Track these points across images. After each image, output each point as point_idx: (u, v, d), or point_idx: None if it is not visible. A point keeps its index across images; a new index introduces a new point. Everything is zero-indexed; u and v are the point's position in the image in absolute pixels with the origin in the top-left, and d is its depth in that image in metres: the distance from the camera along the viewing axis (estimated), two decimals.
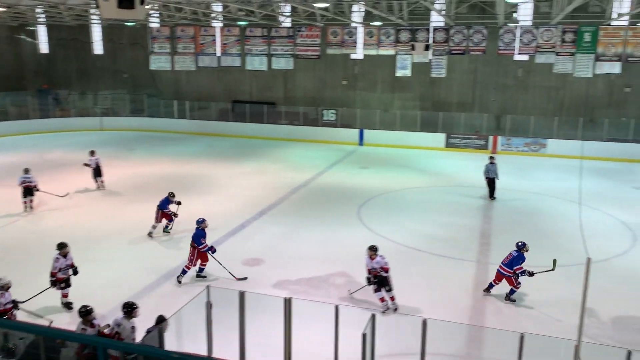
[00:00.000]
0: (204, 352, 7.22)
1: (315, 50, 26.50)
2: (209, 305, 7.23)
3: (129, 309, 7.53)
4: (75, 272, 10.01)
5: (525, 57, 26.34)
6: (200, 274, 11.38)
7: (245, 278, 11.34)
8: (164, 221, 14.13)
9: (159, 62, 29.02)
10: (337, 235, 14.40)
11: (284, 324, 6.85)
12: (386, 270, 9.99)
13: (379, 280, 9.97)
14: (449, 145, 27.26)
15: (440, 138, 27.42)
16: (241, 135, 30.24)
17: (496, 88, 28.78)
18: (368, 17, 26.66)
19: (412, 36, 24.80)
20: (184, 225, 13.85)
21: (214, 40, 27.86)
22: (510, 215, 16.61)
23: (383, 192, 18.94)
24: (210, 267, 11.43)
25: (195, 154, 25.37)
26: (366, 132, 28.60)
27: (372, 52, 25.87)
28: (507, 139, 26.50)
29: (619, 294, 11.00)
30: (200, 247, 11.00)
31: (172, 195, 14.12)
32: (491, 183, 18.02)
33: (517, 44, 24.05)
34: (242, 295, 7.06)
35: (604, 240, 14.11)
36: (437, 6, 23.60)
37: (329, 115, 29.71)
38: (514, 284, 10.46)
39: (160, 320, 7.19)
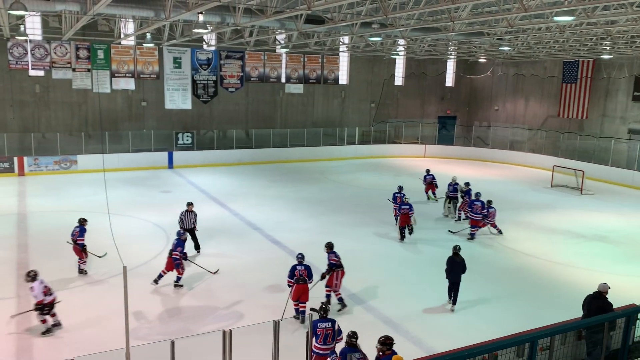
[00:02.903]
0: None
1: None
2: None
3: None
4: None
5: (41, 73, 25.28)
6: (158, 280, 12.16)
7: (218, 270, 13.06)
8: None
9: None
10: None
11: None
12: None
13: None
14: None
15: None
16: None
17: (13, 105, 26.45)
18: None
19: None
20: None
21: None
22: (45, 238, 15.66)
23: None
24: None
25: None
26: None
27: None
28: (34, 159, 24.86)
29: (161, 292, 12.02)
30: (173, 254, 11.90)
31: (85, 221, 12.97)
32: (191, 234, 14.50)
33: (29, 59, 22.76)
34: None
35: (143, 244, 15.14)
36: None
37: None
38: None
39: None
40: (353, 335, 7.43)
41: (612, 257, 15.67)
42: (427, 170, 21.78)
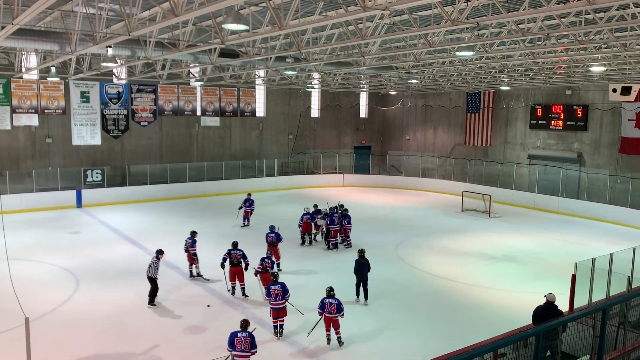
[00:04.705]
0: None
1: None
2: None
3: None
4: None
5: None
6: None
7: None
8: None
9: None
10: None
11: None
12: None
13: None
14: None
15: None
16: None
17: None
18: None
19: None
20: None
21: None
22: None
23: None
24: None
25: None
26: None
27: None
28: None
29: (71, 340, 11.18)
30: (280, 241, 15.96)
31: (195, 233, 15.52)
32: (152, 282, 13.56)
33: None
34: None
35: (49, 291, 14.08)
36: None
37: None
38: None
39: None
40: (331, 289, 11.05)
41: (520, 276, 16.56)
42: (249, 194, 23.43)
